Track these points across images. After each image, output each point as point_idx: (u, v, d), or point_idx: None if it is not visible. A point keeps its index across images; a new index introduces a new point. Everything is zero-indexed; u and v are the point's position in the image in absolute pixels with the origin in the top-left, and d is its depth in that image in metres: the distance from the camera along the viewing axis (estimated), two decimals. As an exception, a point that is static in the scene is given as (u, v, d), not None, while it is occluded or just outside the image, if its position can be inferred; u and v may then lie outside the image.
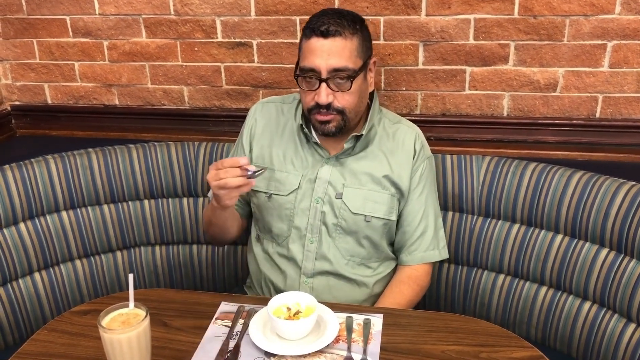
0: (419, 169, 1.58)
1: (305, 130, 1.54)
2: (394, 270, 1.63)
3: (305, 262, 1.55)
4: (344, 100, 1.45)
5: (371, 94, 1.59)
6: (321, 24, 1.41)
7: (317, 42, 1.41)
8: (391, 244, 1.63)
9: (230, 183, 1.32)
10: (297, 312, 1.25)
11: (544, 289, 1.65)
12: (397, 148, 1.57)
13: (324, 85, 1.42)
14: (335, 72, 1.41)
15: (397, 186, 1.56)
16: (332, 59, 1.41)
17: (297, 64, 1.49)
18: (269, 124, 1.62)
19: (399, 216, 1.59)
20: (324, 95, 1.42)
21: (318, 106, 1.45)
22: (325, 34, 1.40)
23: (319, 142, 1.54)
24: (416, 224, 1.58)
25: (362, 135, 1.52)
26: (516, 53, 1.84)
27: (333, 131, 1.48)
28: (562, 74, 1.84)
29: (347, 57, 1.42)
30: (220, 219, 1.54)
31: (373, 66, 1.52)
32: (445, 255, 1.63)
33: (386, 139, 1.58)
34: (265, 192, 1.57)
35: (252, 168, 1.33)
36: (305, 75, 1.44)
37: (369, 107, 1.58)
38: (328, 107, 1.44)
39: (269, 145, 1.60)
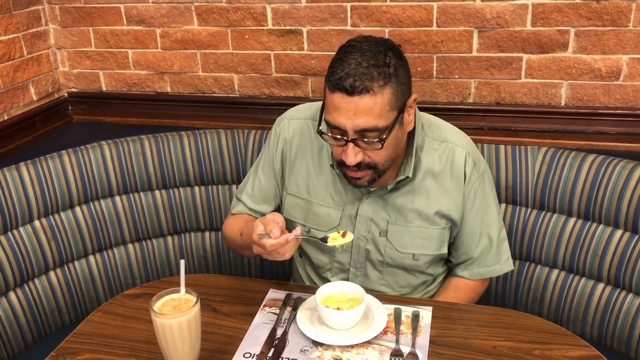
0: (471, 191, 1.41)
1: (336, 171, 1.39)
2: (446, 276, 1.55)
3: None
4: (376, 156, 1.26)
5: None
6: (346, 77, 1.18)
7: (341, 99, 1.20)
8: (442, 259, 1.50)
9: (287, 256, 1.24)
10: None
11: (600, 285, 1.59)
12: (445, 172, 1.39)
13: (351, 145, 1.23)
14: (364, 131, 1.22)
15: (448, 217, 1.41)
16: (359, 119, 1.20)
17: (322, 110, 1.30)
18: (301, 147, 1.45)
19: (455, 238, 1.45)
20: (352, 156, 1.24)
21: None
22: (350, 92, 1.18)
23: None
24: (475, 246, 1.45)
25: (407, 177, 1.36)
26: (576, 40, 1.76)
27: (365, 185, 1.32)
28: (626, 61, 1.75)
29: (376, 115, 1.20)
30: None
31: (413, 103, 1.29)
32: (508, 267, 1.49)
33: (432, 163, 1.39)
34: (304, 225, 1.46)
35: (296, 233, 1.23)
36: (331, 133, 1.26)
37: (411, 134, 1.37)
38: (358, 165, 1.27)
39: (304, 173, 1.45)
